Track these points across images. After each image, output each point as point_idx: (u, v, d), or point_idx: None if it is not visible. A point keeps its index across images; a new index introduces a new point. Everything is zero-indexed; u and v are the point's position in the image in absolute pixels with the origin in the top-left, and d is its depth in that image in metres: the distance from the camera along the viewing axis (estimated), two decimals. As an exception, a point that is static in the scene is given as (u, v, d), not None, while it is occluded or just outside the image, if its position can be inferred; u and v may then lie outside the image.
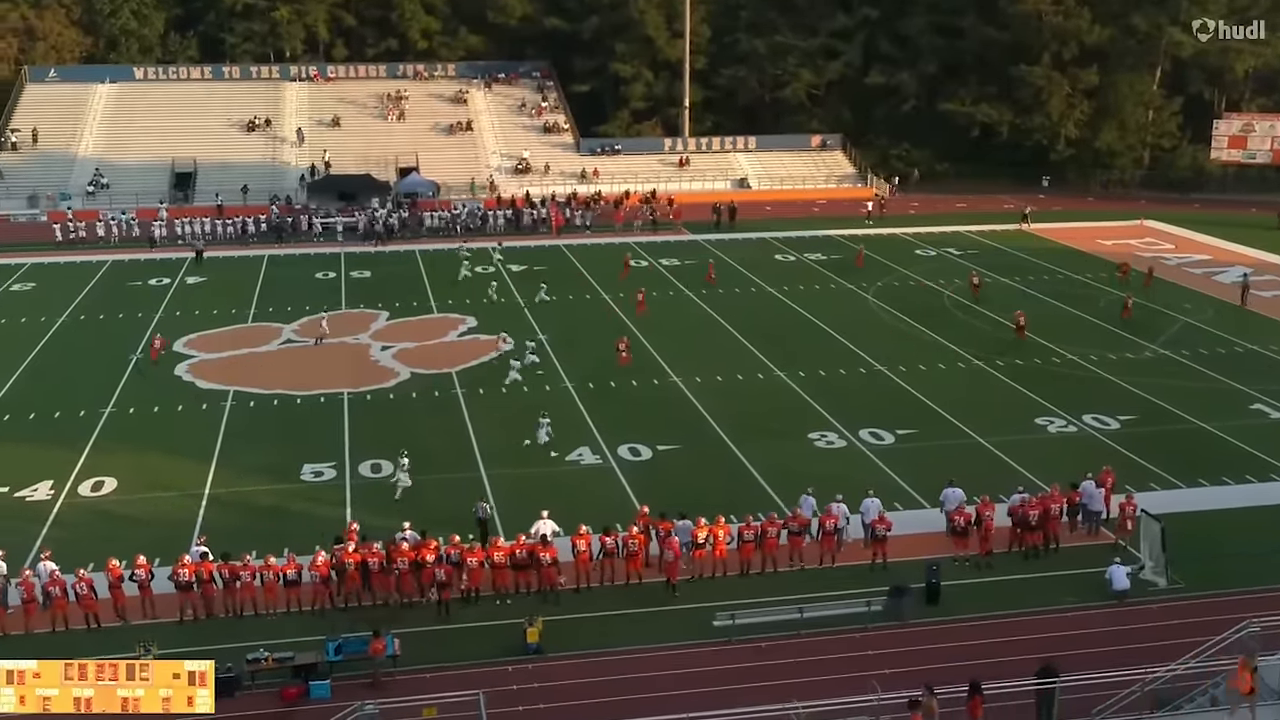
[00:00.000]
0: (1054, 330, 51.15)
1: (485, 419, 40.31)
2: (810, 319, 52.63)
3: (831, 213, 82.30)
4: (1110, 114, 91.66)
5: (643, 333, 50.51)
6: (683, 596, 28.66)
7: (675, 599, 28.58)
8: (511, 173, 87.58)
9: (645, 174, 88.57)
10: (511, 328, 51.18)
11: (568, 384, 44.03)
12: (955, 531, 30.37)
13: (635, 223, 74.74)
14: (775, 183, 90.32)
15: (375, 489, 34.55)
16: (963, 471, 34.04)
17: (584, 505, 32.62)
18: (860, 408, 41.50)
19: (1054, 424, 39.99)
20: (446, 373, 45.33)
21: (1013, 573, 29.87)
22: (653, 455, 37.13)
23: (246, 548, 29.06)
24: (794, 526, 29.85)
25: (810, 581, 29.35)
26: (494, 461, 36.49)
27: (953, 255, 67.02)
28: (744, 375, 45.13)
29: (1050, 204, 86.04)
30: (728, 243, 70.42)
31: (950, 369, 46.16)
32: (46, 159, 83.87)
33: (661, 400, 42.39)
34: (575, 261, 65.48)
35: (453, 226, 73.48)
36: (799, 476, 35.15)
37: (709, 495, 33.43)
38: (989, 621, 27.69)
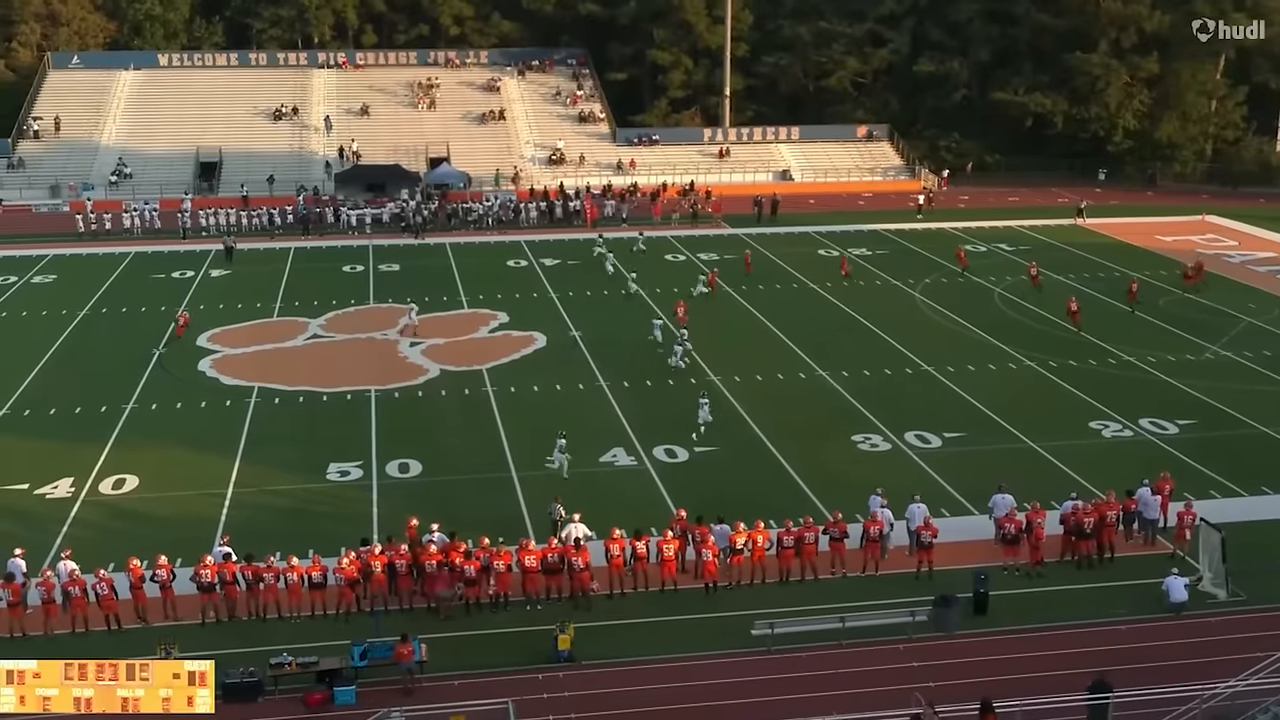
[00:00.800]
0: (1110, 330, 50.80)
1: (516, 418, 40.46)
2: (855, 316, 52.48)
3: (877, 206, 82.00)
4: (1171, 104, 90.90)
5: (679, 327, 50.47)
6: (720, 604, 28.67)
7: (712, 604, 28.59)
8: (545, 163, 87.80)
9: (683, 165, 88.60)
10: (545, 324, 51.33)
11: (602, 382, 44.10)
12: (1005, 539, 30.24)
13: (673, 216, 74.79)
14: (819, 175, 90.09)
15: (403, 489, 34.75)
16: (1013, 477, 33.85)
17: (618, 508, 32.68)
18: (906, 409, 41.37)
19: (1109, 428, 39.73)
20: (477, 370, 45.52)
21: (1064, 583, 29.70)
22: (689, 457, 37.14)
23: (270, 549, 29.29)
24: (835, 532, 29.81)
25: (852, 590, 29.29)
26: (525, 462, 36.61)
27: (1004, 251, 66.63)
28: (785, 375, 45.07)
29: (1107, 198, 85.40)
30: (769, 237, 70.33)
31: (1000, 369, 45.94)
32: (69, 148, 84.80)
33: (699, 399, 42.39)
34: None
35: (485, 219, 73.75)
36: (841, 480, 35.11)
37: (748, 499, 33.41)
38: (1039, 634, 27.55)
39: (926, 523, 30.11)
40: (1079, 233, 72.42)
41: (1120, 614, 28.22)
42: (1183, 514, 30.98)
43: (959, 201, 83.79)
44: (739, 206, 77.64)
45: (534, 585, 28.47)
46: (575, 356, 47.35)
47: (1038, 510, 30.62)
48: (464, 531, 29.80)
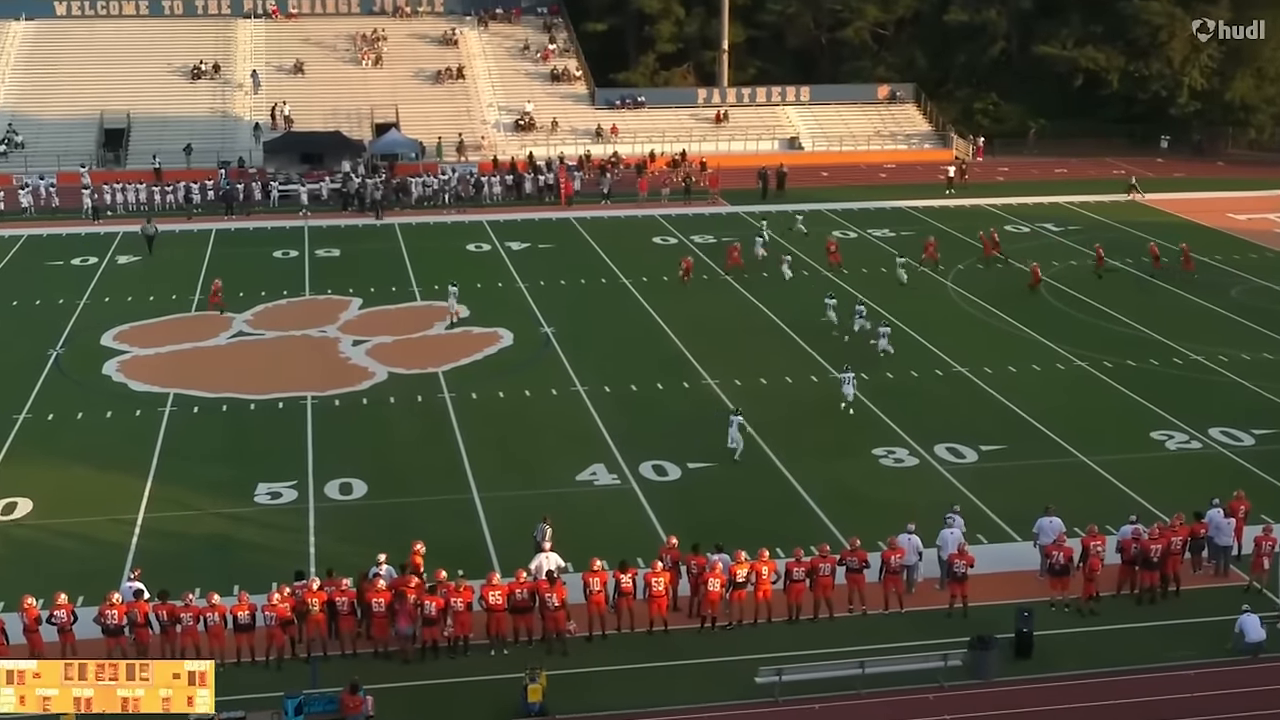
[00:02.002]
0: (1174, 324, 50.99)
1: (478, 429, 40.43)
2: (876, 309, 52.52)
3: (902, 179, 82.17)
4: (1245, 60, 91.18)
5: (671, 325, 50.61)
6: (718, 646, 28.66)
7: (709, 647, 28.56)
8: (511, 130, 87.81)
9: (674, 132, 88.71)
10: (512, 319, 51.31)
11: (579, 387, 44.12)
12: (1053, 570, 30.27)
13: (663, 191, 74.87)
14: (833, 143, 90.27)
15: (344, 514, 34.68)
16: (1062, 496, 33.88)
17: (598, 535, 32.63)
18: (936, 418, 41.44)
19: (1174, 439, 39.86)
20: (432, 373, 45.50)
21: (1122, 621, 29.75)
22: (682, 475, 37.17)
23: (189, 584, 29.16)
24: (854, 562, 29.83)
25: (874, 630, 29.30)
26: (489, 481, 36.57)
27: (1050, 232, 66.82)
28: (794, 377, 45.12)
29: (1170, 169, 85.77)
30: (776, 216, 70.37)
31: (1047, 370, 46.06)
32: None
33: (693, 408, 42.43)
34: (588, 238, 65.63)
35: (441, 195, 73.72)
36: (861, 501, 35.13)
37: (751, 523, 33.43)
38: (1092, 680, 27.57)
39: (961, 550, 30.11)
40: (1138, 210, 72.70)
41: (1187, 657, 28.24)
42: (1260, 539, 31.04)
43: (997, 174, 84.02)
44: (739, 180, 77.73)
45: (500, 626, 28.42)
46: (547, 356, 47.35)
47: (1094, 535, 30.65)
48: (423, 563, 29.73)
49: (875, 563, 30.20)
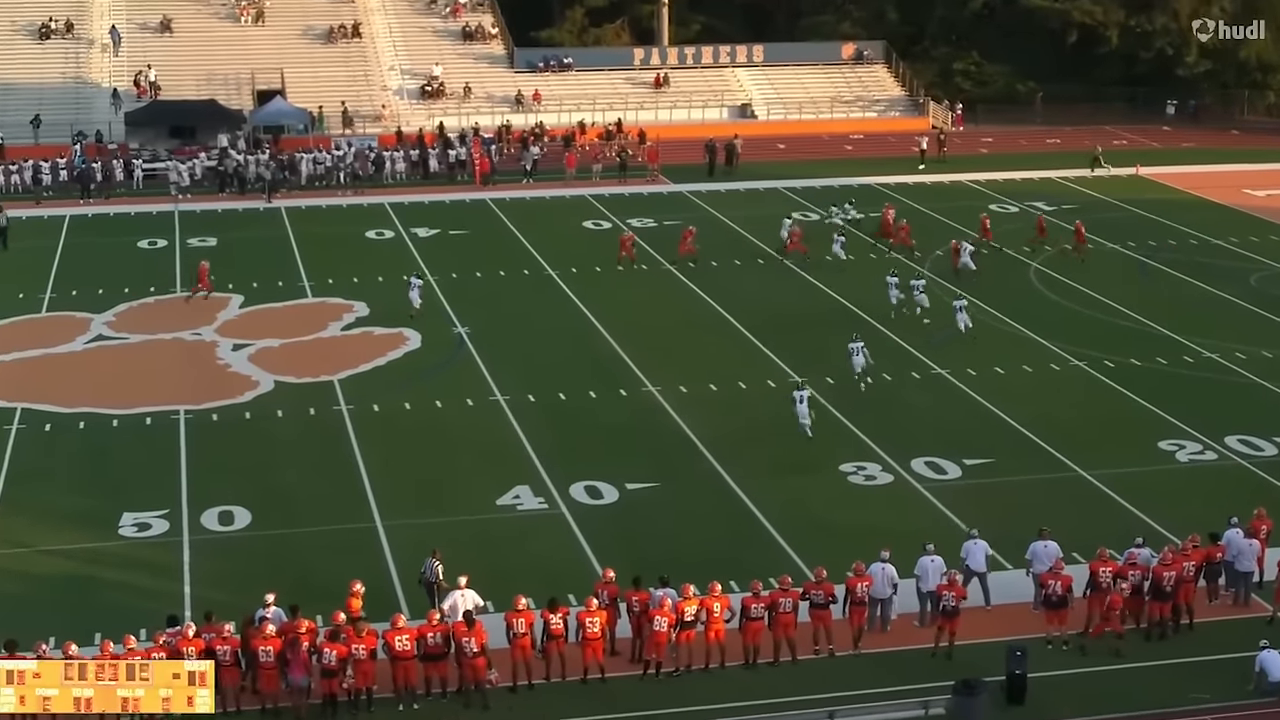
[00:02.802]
0: (1185, 316, 51.52)
1: (381, 447, 40.28)
2: (843, 303, 52.72)
3: (871, 152, 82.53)
4: (1263, 12, 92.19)
5: (606, 323, 50.64)
6: (664, 695, 28.63)
7: (653, 696, 28.54)
8: (417, 97, 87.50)
9: (607, 99, 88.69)
10: (421, 317, 51.09)
11: (499, 397, 44.03)
12: (1049, 602, 30.44)
13: (594, 168, 74.86)
14: (791, 111, 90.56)
15: (225, 547, 34.42)
16: (1058, 516, 34.13)
17: (523, 569, 32.57)
18: (913, 428, 41.64)
19: (1185, 449, 40.22)
20: (326, 382, 45.29)
21: (1128, 659, 29.95)
22: (620, 497, 37.16)
23: (41, 632, 28.81)
24: (819, 596, 29.89)
25: (843, 674, 29.34)
26: (395, 507, 36.42)
27: (1042, 211, 67.29)
28: (749, 383, 45.24)
29: (1177, 139, 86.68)
30: (726, 196, 70.52)
31: (1039, 372, 46.39)
32: None
33: (633, 419, 42.51)
34: (508, 223, 65.50)
35: (335, 174, 73.37)
36: (827, 526, 35.21)
37: (701, 553, 33.43)
38: (1095, 728, 27.82)
39: (950, 581, 30.20)
40: (1140, 187, 73.43)
41: (1203, 700, 28.46)
42: (1285, 564, 31.38)
43: (980, 145, 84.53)
44: (684, 154, 77.83)
45: (409, 676, 28.27)
46: (461, 361, 47.22)
47: (1104, 559, 30.67)
48: (312, 605, 29.52)
49: (845, 596, 30.26)
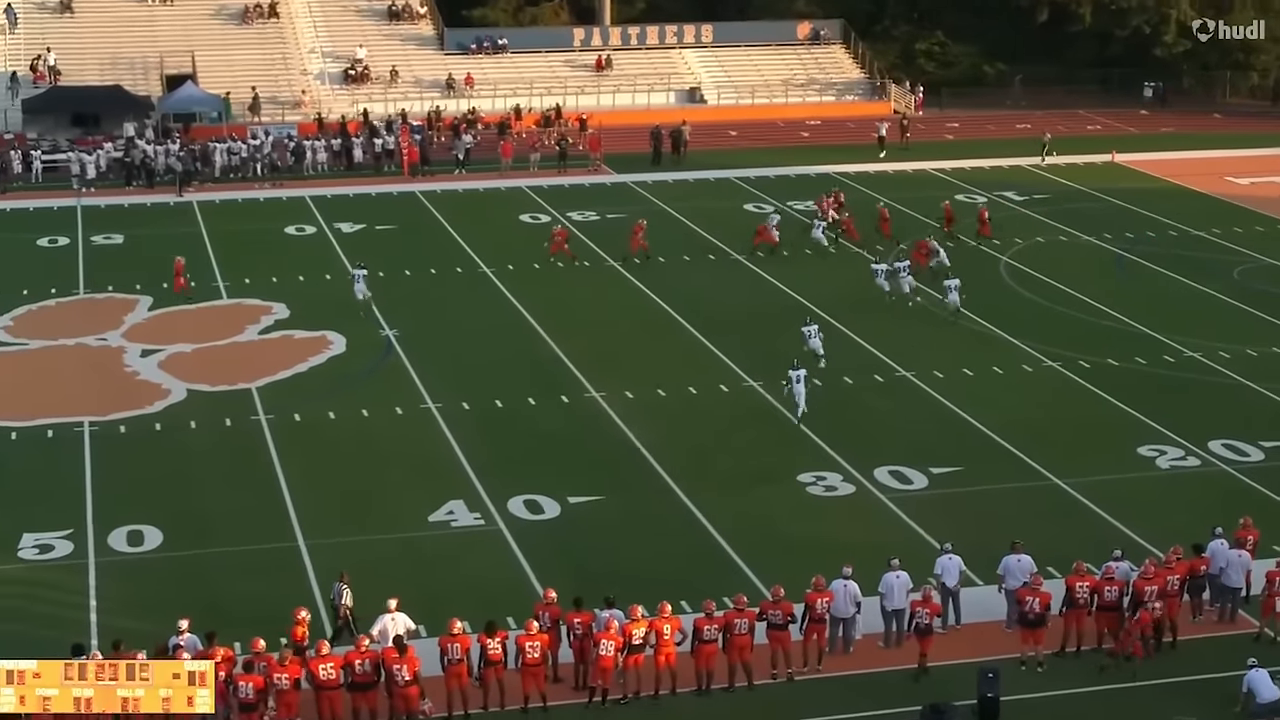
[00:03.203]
0: (1165, 313, 51.85)
1: (304, 460, 40.13)
2: (800, 301, 52.82)
3: (828, 139, 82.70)
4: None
5: (545, 324, 50.61)
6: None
7: (600, 717, 28.63)
8: (340, 82, 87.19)
9: (545, 83, 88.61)
10: (345, 319, 50.95)
11: (430, 404, 43.91)
12: (1026, 620, 30.52)
13: (532, 157, 74.76)
14: (743, 95, 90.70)
15: (134, 570, 34.20)
16: (1032, 528, 34.27)
17: (457, 590, 32.50)
18: (876, 434, 41.75)
19: (1166, 455, 40.44)
20: (243, 390, 45.09)
21: (1107, 680, 30.05)
22: (561, 511, 37.10)
23: (-66, 664, 28.62)
24: (776, 616, 29.90)
25: (803, 699, 29.35)
26: (318, 524, 36.27)
27: (1012, 203, 67.56)
28: (699, 388, 45.26)
29: (1155, 124, 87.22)
30: (673, 187, 70.52)
31: (1011, 373, 46.59)
32: None
33: (575, 428, 42.47)
34: (439, 217, 65.39)
35: (251, 165, 73.09)
36: (784, 540, 35.22)
37: (649, 571, 33.43)
38: (1073, 755, 27.96)
39: (925, 596, 30.27)
40: (1116, 175, 73.89)
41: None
42: (1274, 575, 31.48)
43: (945, 131, 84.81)
44: (628, 142, 77.85)
45: (335, 707, 28.16)
46: (389, 366, 47.10)
47: (1080, 573, 30.78)
48: (229, 631, 29.38)
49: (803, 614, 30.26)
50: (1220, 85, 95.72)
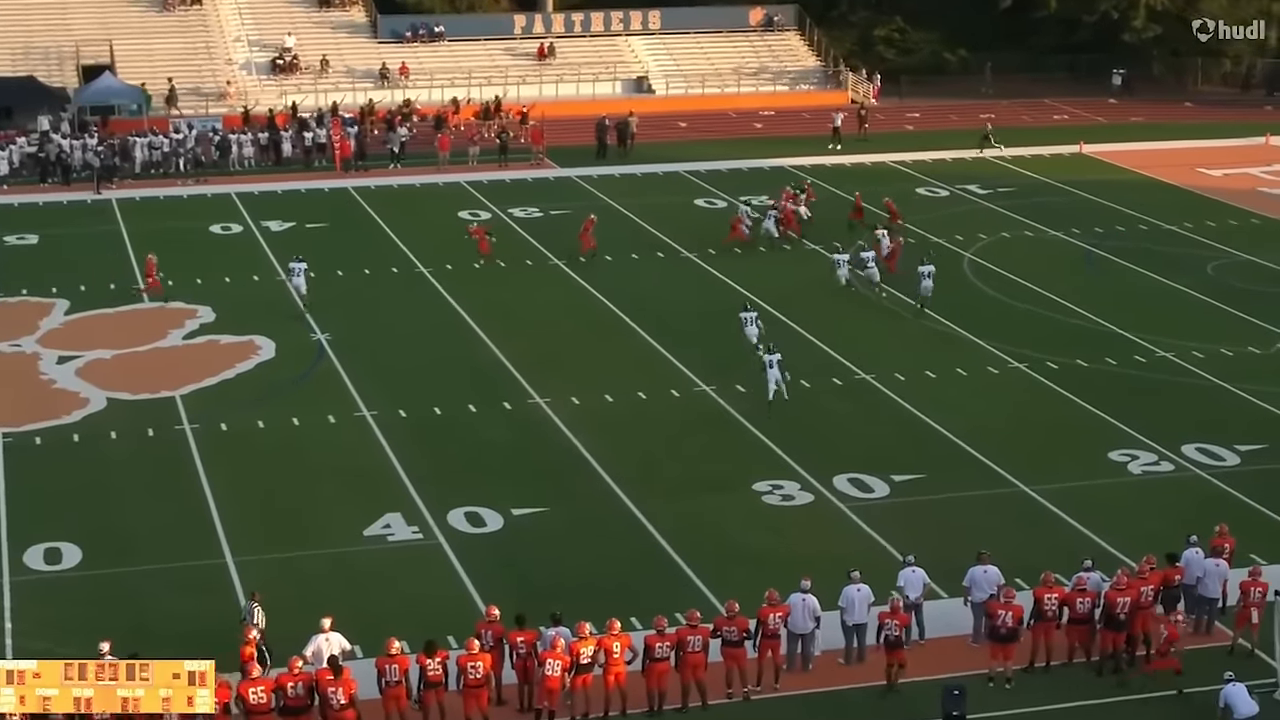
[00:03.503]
0: (1136, 311, 52.12)
1: (231, 471, 39.98)
2: (755, 302, 52.86)
3: (783, 130, 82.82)
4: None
5: (486, 327, 50.59)
6: (558, 750, 28.66)
7: (545, 754, 28.56)
8: (267, 72, 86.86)
9: (484, 73, 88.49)
10: (275, 323, 50.77)
11: (365, 412, 43.81)
12: (997, 635, 30.57)
13: (470, 151, 74.67)
14: (693, 85, 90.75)
15: (51, 589, 34.00)
16: (998, 537, 34.39)
17: (395, 608, 32.44)
18: (835, 440, 41.85)
19: (1138, 460, 40.65)
20: (167, 398, 44.90)
21: (1077, 696, 30.14)
22: (504, 524, 37.07)
23: None
24: (731, 633, 29.92)
25: (761, 718, 29.45)
26: (247, 539, 36.12)
27: (976, 196, 67.79)
28: (649, 393, 45.28)
29: (1125, 113, 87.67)
30: (620, 181, 70.51)
31: (976, 375, 46.76)
32: None
33: (518, 436, 42.44)
34: (373, 214, 65.25)
35: (173, 160, 72.76)
36: (740, 552, 35.27)
37: (597, 586, 33.43)
38: (1043, 775, 28.08)
39: (894, 608, 30.26)
40: (1084, 167, 74.21)
41: (1162, 740, 28.81)
42: (1248, 585, 31.63)
43: (905, 121, 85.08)
44: (572, 135, 77.84)
45: (266, 733, 28.12)
46: (321, 372, 46.99)
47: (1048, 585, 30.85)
48: (153, 653, 29.15)
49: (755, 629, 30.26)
50: (1191, 72, 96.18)
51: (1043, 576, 31.15)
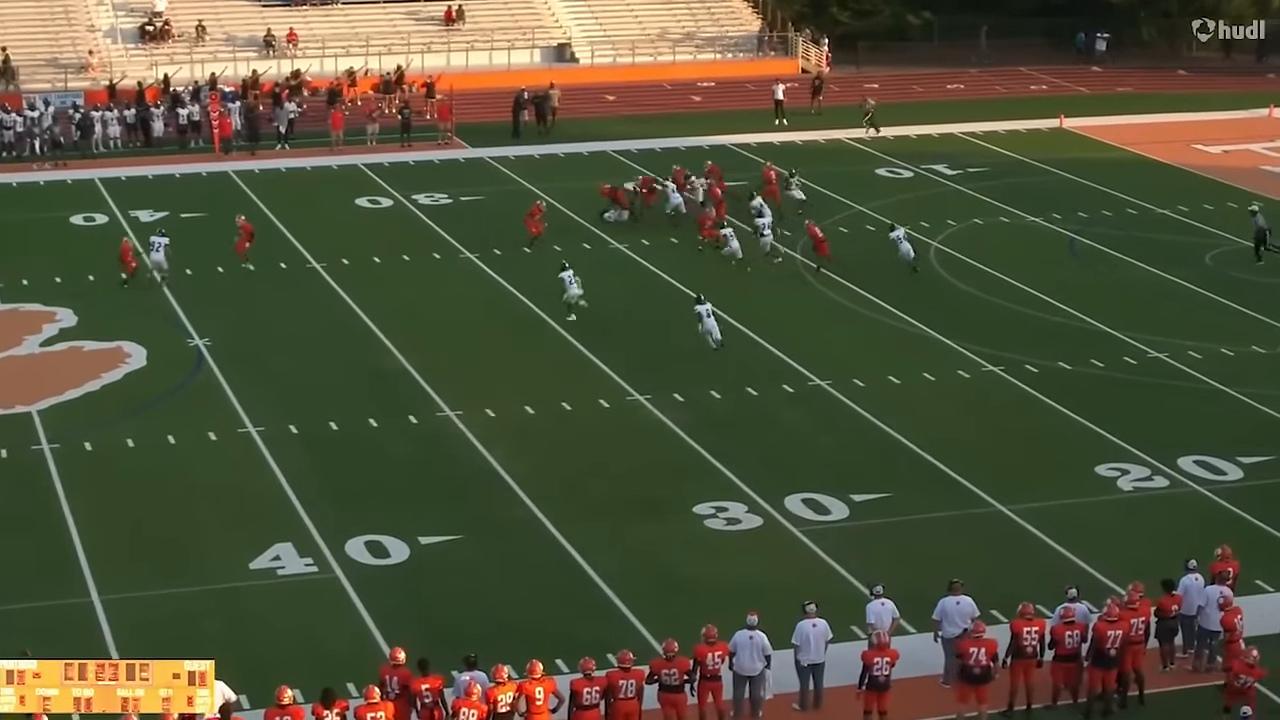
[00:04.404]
0: (1125, 306, 52.41)
1: (96, 497, 39.76)
2: (694, 298, 52.93)
3: (724, 103, 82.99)
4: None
5: (388, 329, 50.50)
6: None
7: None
8: (136, 40, 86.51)
9: (384, 40, 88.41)
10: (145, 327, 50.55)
11: (250, 428, 43.65)
12: (968, 675, 30.65)
13: (369, 129, 74.52)
14: (622, 52, 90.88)
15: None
16: (972, 564, 34.54)
17: (286, 651, 32.39)
18: (787, 455, 41.94)
19: (1129, 475, 40.80)
20: (22, 414, 44.66)
21: (1063, 744, 30.44)
22: (411, 553, 37.00)
23: None
24: (669, 676, 29.88)
25: (704, 774, 29.52)
26: (115, 575, 35.91)
27: (944, 177, 68.04)
28: (574, 403, 45.28)
29: (1111, 82, 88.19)
30: (540, 164, 70.49)
31: (945, 380, 46.90)
32: None
33: (426, 453, 42.48)
34: (258, 202, 65.06)
35: (28, 142, 72.39)
36: (680, 583, 35.30)
37: (517, 624, 33.43)
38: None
39: (881, 644, 30.05)
40: (1065, 144, 74.56)
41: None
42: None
43: (862, 93, 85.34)
44: (486, 110, 77.85)
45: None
46: (200, 383, 46.79)
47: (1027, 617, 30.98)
48: (6, 706, 29.15)
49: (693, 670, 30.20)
50: (1184, 36, 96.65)
51: (1021, 608, 31.09)
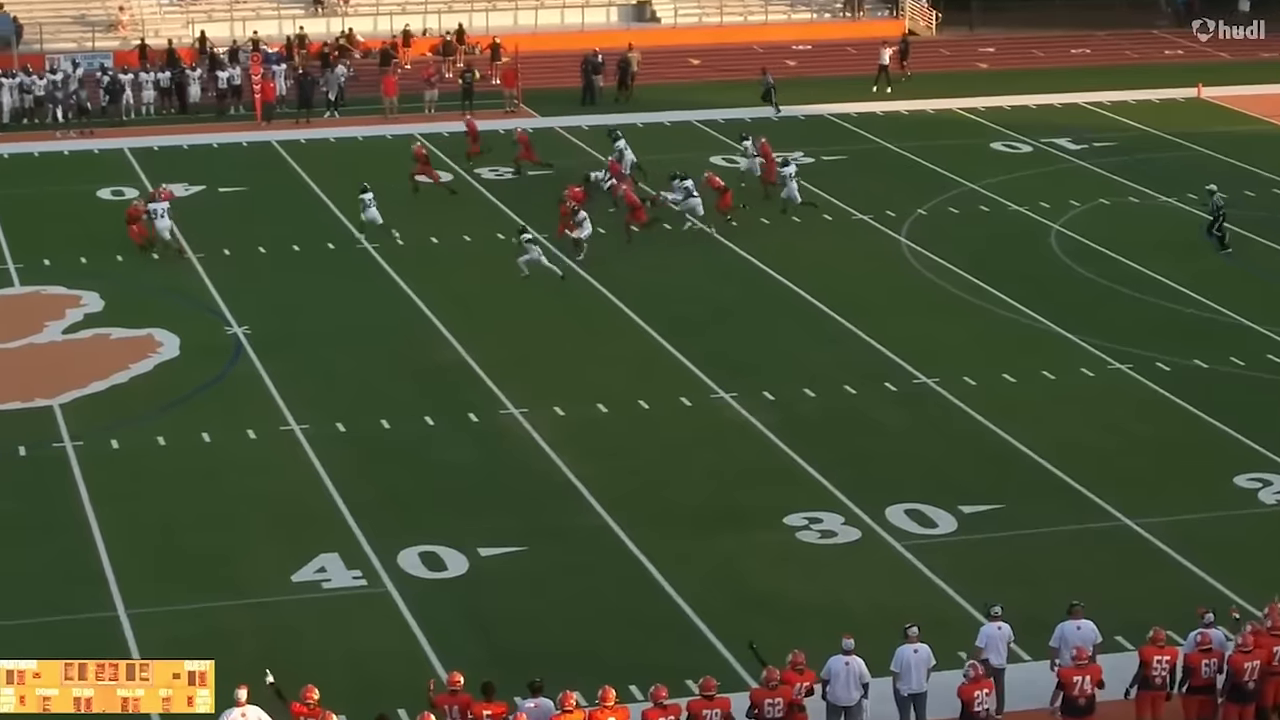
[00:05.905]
0: (1269, 301, 52.11)
1: (123, 500, 40.02)
2: (787, 286, 52.90)
3: (822, 69, 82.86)
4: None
5: (446, 318, 50.70)
6: None
7: None
8: None
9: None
10: (177, 314, 50.82)
11: (294, 426, 43.84)
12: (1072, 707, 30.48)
13: (427, 95, 74.72)
14: (709, 11, 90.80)
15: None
16: (1095, 584, 34.46)
17: (333, 672, 32.44)
18: (888, 461, 41.90)
19: (1271, 486, 40.57)
20: (43, 408, 45.00)
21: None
22: (469, 566, 37.14)
23: None
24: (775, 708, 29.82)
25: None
26: (143, 587, 36.15)
27: (1066, 152, 67.79)
28: (652, 402, 45.35)
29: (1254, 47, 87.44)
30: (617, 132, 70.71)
31: (1066, 377, 46.76)
32: None
33: (487, 456, 42.57)
34: (303, 175, 65.42)
35: (52, 102, 72.82)
36: (770, 601, 35.28)
37: (586, 646, 33.50)
38: None
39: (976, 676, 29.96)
40: (1202, 115, 74.16)
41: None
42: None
43: (976, 59, 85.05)
44: (555, 75, 77.89)
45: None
46: (238, 375, 47.06)
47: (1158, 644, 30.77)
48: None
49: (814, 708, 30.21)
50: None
51: (1152, 634, 30.97)
